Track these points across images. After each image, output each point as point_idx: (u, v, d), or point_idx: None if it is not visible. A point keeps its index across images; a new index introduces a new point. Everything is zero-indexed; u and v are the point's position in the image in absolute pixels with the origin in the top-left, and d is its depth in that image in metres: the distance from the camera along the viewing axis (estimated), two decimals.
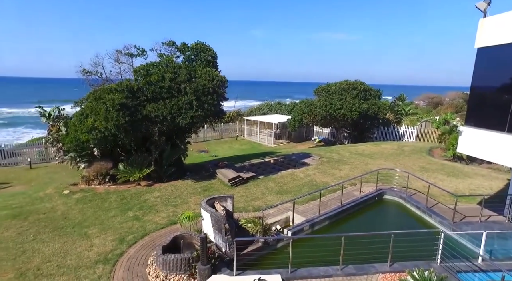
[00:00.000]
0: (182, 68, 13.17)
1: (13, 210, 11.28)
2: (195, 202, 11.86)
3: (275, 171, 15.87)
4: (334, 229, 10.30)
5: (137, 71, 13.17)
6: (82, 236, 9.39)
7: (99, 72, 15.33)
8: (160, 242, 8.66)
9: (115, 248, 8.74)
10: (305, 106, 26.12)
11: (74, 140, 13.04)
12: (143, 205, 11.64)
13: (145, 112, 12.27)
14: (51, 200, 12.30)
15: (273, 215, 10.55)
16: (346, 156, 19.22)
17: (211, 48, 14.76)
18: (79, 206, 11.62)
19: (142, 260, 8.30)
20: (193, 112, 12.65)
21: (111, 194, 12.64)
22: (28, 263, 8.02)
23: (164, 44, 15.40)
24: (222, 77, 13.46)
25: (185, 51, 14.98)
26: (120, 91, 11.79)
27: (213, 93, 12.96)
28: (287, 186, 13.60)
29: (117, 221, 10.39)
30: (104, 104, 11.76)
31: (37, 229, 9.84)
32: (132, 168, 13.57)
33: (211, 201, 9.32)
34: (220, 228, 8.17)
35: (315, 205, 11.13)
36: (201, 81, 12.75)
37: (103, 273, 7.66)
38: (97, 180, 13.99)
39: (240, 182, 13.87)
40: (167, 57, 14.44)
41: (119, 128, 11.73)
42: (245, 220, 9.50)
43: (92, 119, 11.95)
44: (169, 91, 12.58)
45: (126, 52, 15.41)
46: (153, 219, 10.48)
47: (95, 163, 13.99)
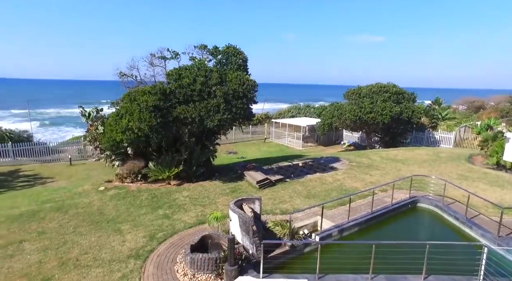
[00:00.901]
0: (214, 71, 13.42)
1: (56, 203, 12.04)
2: (223, 203, 11.99)
3: (303, 174, 15.69)
4: (363, 236, 9.99)
5: (169, 75, 13.59)
6: (115, 231, 9.80)
7: (134, 74, 16.00)
8: (188, 241, 8.85)
9: (146, 245, 9.03)
10: (335, 109, 25.63)
11: (110, 139, 13.68)
12: (173, 204, 11.95)
13: (175, 114, 12.62)
14: (88, 195, 12.97)
15: (301, 219, 10.42)
16: (377, 161, 18.60)
17: (242, 51, 14.91)
18: (113, 202, 12.15)
19: (171, 257, 8.50)
20: (220, 115, 12.82)
21: (143, 192, 13.11)
22: (68, 254, 8.51)
23: (196, 47, 15.79)
24: (253, 81, 13.55)
25: (217, 55, 15.26)
26: (153, 93, 12.22)
27: (243, 97, 13.08)
28: (315, 190, 13.39)
29: (148, 218, 10.75)
30: (138, 106, 12.24)
31: (76, 222, 10.42)
32: (162, 167, 13.99)
33: (239, 202, 9.38)
34: (248, 230, 8.19)
35: (344, 211, 10.86)
36: (232, 85, 12.92)
37: (135, 268, 7.94)
38: (129, 178, 14.57)
39: (268, 184, 13.85)
40: (199, 61, 14.79)
41: (151, 129, 12.15)
42: (273, 223, 9.46)
43: (126, 119, 12.47)
44: (200, 94, 12.86)
45: (159, 55, 15.97)
46: (182, 218, 10.73)
47: (129, 161, 14.58)
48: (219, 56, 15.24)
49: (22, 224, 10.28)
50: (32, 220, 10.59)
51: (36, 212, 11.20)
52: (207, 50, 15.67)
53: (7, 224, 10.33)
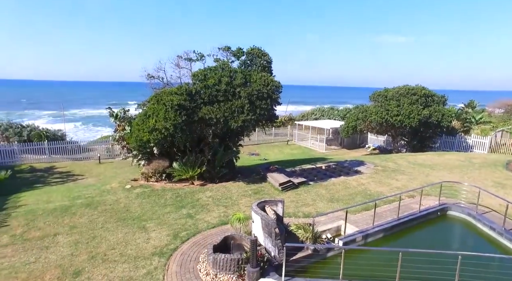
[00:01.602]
0: (238, 72, 13.53)
1: (86, 200, 12.56)
2: (246, 204, 12.02)
3: (326, 177, 15.44)
4: (389, 243, 9.66)
5: (195, 76, 13.83)
6: (140, 229, 10.06)
7: (161, 76, 16.41)
8: (211, 241, 8.93)
9: (170, 243, 9.20)
10: (360, 112, 25.07)
11: (137, 139, 14.10)
12: (196, 204, 12.12)
13: (200, 114, 12.82)
14: (115, 193, 13.42)
15: (324, 223, 10.25)
16: (404, 166, 17.97)
17: (267, 53, 14.93)
18: (139, 200, 12.50)
19: (194, 256, 8.61)
20: (244, 116, 12.88)
21: (167, 191, 13.40)
22: (97, 248, 8.84)
23: (220, 49, 15.96)
24: (277, 82, 13.52)
25: (240, 56, 15.35)
26: (179, 94, 12.48)
27: (267, 98, 13.08)
28: (339, 194, 13.13)
29: (172, 217, 10.96)
30: (164, 105, 12.54)
31: (104, 218, 10.81)
32: (186, 167, 14.24)
33: (262, 204, 9.36)
34: (270, 232, 8.15)
35: (368, 216, 10.57)
36: (256, 86, 12.96)
37: (159, 265, 8.10)
38: (154, 177, 14.93)
39: (291, 187, 13.74)
40: (223, 62, 14.95)
41: (176, 128, 12.39)
42: (295, 226, 9.36)
43: (153, 120, 12.81)
44: (224, 94, 13.00)
45: (185, 57, 16.28)
46: (205, 218, 10.85)
47: (154, 161, 14.96)
48: (242, 58, 15.34)
49: (56, 218, 10.81)
50: (65, 214, 11.10)
51: (68, 207, 11.73)
52: (231, 52, 15.80)
53: (44, 217, 10.90)
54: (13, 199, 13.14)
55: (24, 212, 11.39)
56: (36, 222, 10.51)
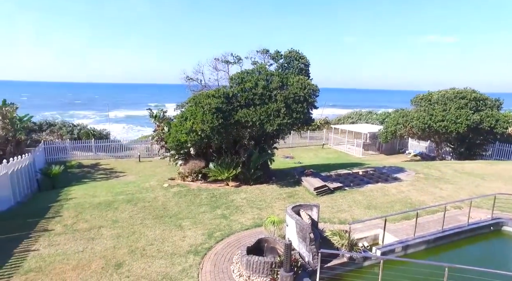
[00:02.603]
0: (275, 75, 13.54)
1: (127, 196, 13.22)
2: (280, 207, 11.95)
3: (363, 183, 14.90)
4: (431, 256, 9.07)
5: (232, 79, 14.05)
6: (177, 227, 10.37)
7: (199, 78, 16.86)
8: (245, 242, 8.95)
9: (204, 242, 9.37)
10: (400, 116, 23.93)
11: (174, 139, 14.60)
12: (230, 205, 12.26)
13: (237, 117, 12.98)
14: (154, 191, 13.97)
15: (360, 230, 9.88)
16: (449, 174, 16.83)
17: (304, 56, 14.79)
18: (176, 199, 12.90)
19: (227, 257, 8.69)
20: (280, 119, 12.84)
21: (203, 191, 13.70)
22: (136, 243, 9.25)
23: (258, 52, 16.07)
24: (314, 86, 13.34)
25: (278, 59, 15.37)
26: (217, 96, 12.74)
27: (304, 101, 12.94)
28: (376, 201, 12.61)
29: (207, 217, 11.17)
30: (202, 108, 12.86)
31: (143, 215, 11.29)
32: (222, 168, 14.46)
33: (297, 208, 9.25)
34: (305, 237, 8.02)
35: (409, 226, 10.02)
36: (293, 89, 12.88)
37: (193, 264, 8.28)
38: (191, 177, 15.35)
39: (326, 192, 13.44)
40: (260, 65, 15.04)
41: (213, 130, 12.66)
42: (331, 232, 9.12)
43: (191, 121, 13.19)
44: (261, 97, 13.06)
45: (223, 60, 16.60)
46: (239, 220, 10.94)
47: (190, 161, 15.39)
48: (280, 60, 15.33)
49: (101, 212, 11.49)
50: (108, 209, 11.77)
51: (111, 202, 12.42)
52: (269, 55, 15.85)
53: (90, 210, 11.64)
54: (65, 192, 14.20)
55: (74, 204, 12.25)
56: (84, 214, 11.25)
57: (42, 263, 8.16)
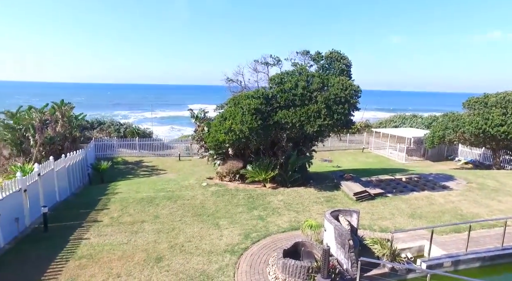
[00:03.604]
0: (315, 76, 13.32)
1: (167, 193, 13.75)
2: (317, 211, 11.70)
3: (407, 191, 14.11)
4: (488, 276, 8.28)
5: (272, 79, 14.05)
6: (214, 226, 10.56)
7: (239, 80, 17.10)
8: (281, 245, 8.88)
9: (241, 242, 9.44)
10: (450, 121, 22.30)
11: (213, 139, 14.93)
12: (267, 206, 12.24)
13: (276, 118, 12.95)
14: (193, 189, 14.37)
15: (403, 240, 9.34)
16: (509, 185, 15.34)
17: (346, 56, 14.40)
18: (214, 198, 13.16)
19: (263, 258, 8.67)
20: (321, 120, 12.60)
21: (240, 192, 13.83)
22: (175, 239, 9.57)
23: (299, 53, 15.92)
24: (356, 87, 12.92)
25: (319, 60, 15.11)
26: (256, 97, 12.82)
27: (345, 102, 12.58)
28: (421, 210, 11.86)
29: (244, 217, 11.25)
30: (241, 109, 13.00)
31: (183, 212, 11.66)
32: (259, 169, 14.50)
33: (335, 213, 8.99)
34: (344, 243, 7.76)
35: (460, 239, 9.27)
36: (333, 90, 12.58)
37: (230, 263, 8.37)
38: (228, 177, 15.58)
39: (366, 197, 12.93)
40: (300, 66, 14.89)
41: (251, 131, 12.74)
42: (371, 240, 8.74)
43: (230, 122, 13.40)
44: (301, 99, 12.91)
45: (263, 61, 16.68)
46: (276, 222, 10.88)
47: (229, 161, 15.63)
48: (321, 62, 15.07)
49: (143, 207, 12.07)
50: (150, 204, 12.32)
51: (153, 199, 12.99)
52: (309, 56, 15.64)
53: (134, 205, 12.28)
54: (112, 186, 15.13)
55: (120, 199, 13.00)
56: (128, 208, 11.89)
57: (92, 251, 8.75)
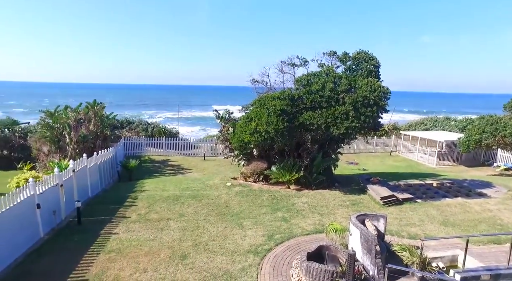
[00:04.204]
0: (343, 78, 13.07)
1: (192, 192, 13.99)
2: (342, 214, 11.46)
3: (438, 196, 13.49)
4: None
5: (298, 81, 13.93)
6: (238, 226, 10.61)
7: (265, 81, 17.09)
8: (305, 247, 8.78)
9: (264, 243, 9.42)
10: (487, 124, 21.03)
11: (239, 140, 15.01)
12: (291, 208, 12.14)
13: (301, 120, 12.82)
14: (217, 189, 14.53)
15: (434, 248, 8.92)
16: None
17: (374, 57, 14.01)
18: (238, 198, 13.23)
19: (287, 261, 8.60)
20: (348, 122, 12.33)
21: (264, 193, 13.81)
22: (200, 237, 9.71)
23: (325, 54, 15.68)
24: (385, 88, 12.54)
25: (346, 61, 14.81)
26: (282, 98, 12.76)
27: (373, 104, 12.25)
28: (454, 218, 11.28)
29: (267, 218, 11.22)
30: (267, 110, 12.99)
31: (207, 211, 11.81)
32: (284, 171, 14.41)
33: (362, 217, 8.75)
34: (370, 248, 7.52)
35: (499, 251, 8.72)
36: (361, 92, 12.28)
37: (253, 263, 8.37)
38: (252, 177, 15.60)
39: (394, 202, 12.50)
40: (327, 67, 14.66)
41: (277, 132, 12.69)
42: (399, 247, 8.42)
43: (255, 123, 13.42)
44: (328, 100, 12.72)
45: (289, 62, 16.58)
46: (300, 224, 10.76)
47: (253, 162, 15.66)
48: (348, 62, 14.76)
49: (169, 205, 12.35)
50: (176, 203, 12.59)
51: (178, 197, 13.27)
52: (336, 57, 15.37)
53: (160, 203, 12.60)
54: (139, 184, 15.62)
55: (147, 196, 13.40)
56: (155, 206, 12.21)
57: (121, 245, 9.07)
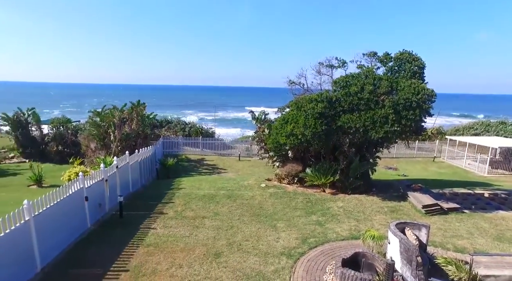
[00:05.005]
0: (383, 79, 12.55)
1: (227, 192, 14.20)
2: (380, 221, 10.99)
3: (490, 208, 12.45)
4: None
5: (336, 82, 13.61)
6: (272, 227, 10.57)
7: (302, 83, 16.91)
8: (339, 253, 8.53)
9: (298, 246, 9.29)
10: None
11: (274, 141, 14.98)
12: (326, 212, 11.87)
13: (339, 123, 12.50)
14: (251, 189, 14.60)
15: (487, 266, 8.19)
16: None
17: (419, 57, 13.29)
18: (272, 199, 13.20)
19: (320, 265, 8.41)
20: (388, 126, 11.81)
21: (298, 195, 13.65)
22: (234, 237, 9.82)
23: (365, 55, 15.18)
24: (430, 90, 11.84)
25: (387, 62, 14.22)
26: (319, 101, 12.53)
27: (416, 107, 11.61)
28: (511, 233, 10.31)
29: (301, 221, 11.07)
30: (304, 112, 12.82)
31: (241, 211, 11.92)
32: (319, 174, 14.14)
33: (401, 225, 8.31)
34: (410, 259, 7.11)
35: None
36: (403, 94, 11.70)
37: (286, 266, 8.29)
38: (287, 179, 15.50)
39: (438, 211, 11.74)
40: (367, 69, 14.17)
41: (314, 135, 12.49)
42: (444, 260, 7.86)
43: (292, 125, 13.31)
44: (367, 103, 12.28)
45: (327, 64, 16.26)
46: (335, 229, 10.49)
47: (288, 164, 15.54)
48: (390, 63, 14.15)
49: (204, 204, 12.64)
50: (211, 202, 12.85)
51: (213, 196, 13.53)
52: (377, 58, 14.81)
53: (195, 201, 12.94)
54: (176, 182, 16.17)
55: (183, 194, 13.82)
56: (190, 204, 12.56)
57: (159, 240, 9.44)
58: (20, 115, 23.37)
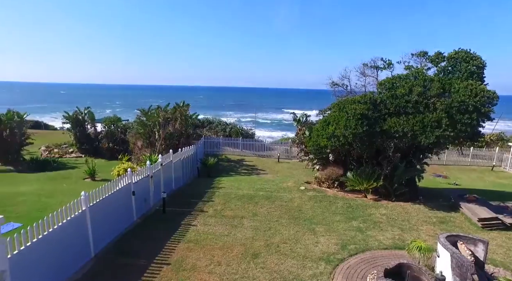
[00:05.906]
0: (434, 81, 11.76)
1: (266, 193, 14.23)
2: (427, 232, 10.30)
3: None
4: None
5: (382, 84, 13.04)
6: (310, 231, 10.38)
7: (345, 84, 16.48)
8: (381, 262, 8.13)
9: (337, 252, 9.02)
10: None
11: (315, 144, 14.72)
12: (367, 219, 11.39)
13: (385, 127, 11.94)
14: (290, 192, 14.48)
15: None
16: None
17: (478, 56, 12.26)
18: (311, 203, 12.97)
19: (361, 274, 8.09)
20: (440, 131, 11.03)
21: (338, 200, 13.26)
22: (271, 238, 9.79)
23: (414, 55, 14.38)
24: (491, 92, 10.86)
25: (439, 62, 13.32)
26: (363, 102, 12.09)
27: (473, 111, 10.71)
28: None
29: (341, 227, 10.73)
30: (346, 113, 12.45)
31: (280, 213, 11.86)
32: (361, 178, 13.62)
33: (453, 238, 7.71)
34: (465, 276, 6.56)
35: None
36: (458, 97, 10.86)
37: (324, 272, 8.08)
38: (327, 183, 15.14)
39: (497, 226, 10.70)
40: (416, 69, 13.40)
41: (355, 137, 12.06)
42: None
43: (333, 127, 12.98)
44: (415, 106, 11.59)
45: (372, 65, 15.67)
46: (376, 236, 10.02)
47: (328, 167, 15.18)
48: (442, 63, 13.23)
49: (243, 204, 12.77)
50: (250, 202, 12.95)
51: (252, 197, 13.63)
52: (427, 57, 13.93)
53: (235, 201, 13.13)
54: (217, 181, 16.55)
55: (223, 193, 14.10)
56: (230, 203, 12.77)
57: (198, 237, 9.72)
58: (78, 114, 25.52)
